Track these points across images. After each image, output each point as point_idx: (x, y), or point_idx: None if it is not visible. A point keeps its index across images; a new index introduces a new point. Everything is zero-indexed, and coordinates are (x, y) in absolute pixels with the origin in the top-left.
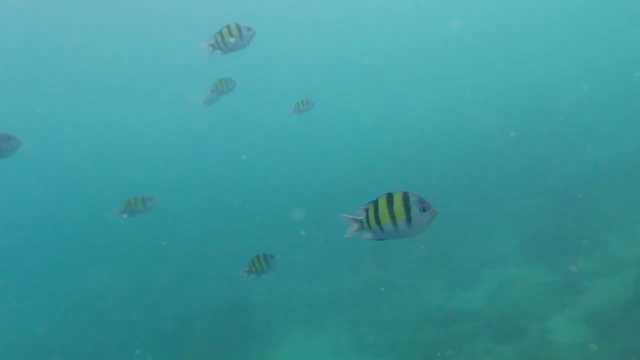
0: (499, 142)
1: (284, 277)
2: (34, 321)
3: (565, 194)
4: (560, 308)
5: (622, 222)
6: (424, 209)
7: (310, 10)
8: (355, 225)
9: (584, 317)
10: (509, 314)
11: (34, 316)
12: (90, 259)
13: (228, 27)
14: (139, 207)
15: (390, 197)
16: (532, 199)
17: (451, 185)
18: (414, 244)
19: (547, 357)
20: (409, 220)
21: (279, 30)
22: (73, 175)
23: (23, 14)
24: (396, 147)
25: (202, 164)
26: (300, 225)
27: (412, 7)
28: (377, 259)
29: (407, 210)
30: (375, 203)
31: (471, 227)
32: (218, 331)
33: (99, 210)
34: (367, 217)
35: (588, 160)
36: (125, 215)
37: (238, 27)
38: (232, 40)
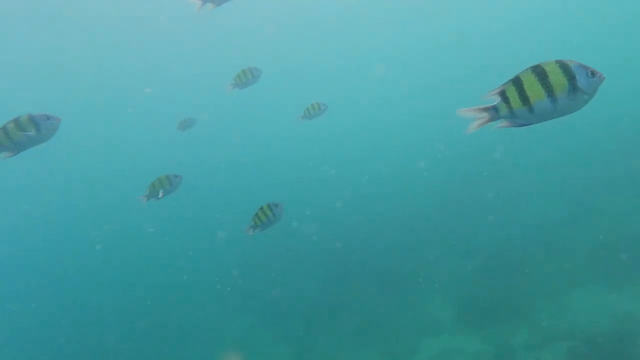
0: (430, 201)
1: None
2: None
3: (497, 257)
4: None
5: (551, 290)
6: (592, 73)
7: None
8: (484, 116)
9: None
10: None
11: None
12: None
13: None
14: (166, 186)
15: (539, 69)
16: (464, 262)
17: (384, 247)
18: (343, 305)
19: None
20: (573, 89)
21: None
22: None
23: None
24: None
25: None
26: None
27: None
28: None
29: (571, 77)
30: (517, 80)
31: (404, 291)
32: None
33: None
34: (507, 100)
35: (518, 223)
36: (153, 199)
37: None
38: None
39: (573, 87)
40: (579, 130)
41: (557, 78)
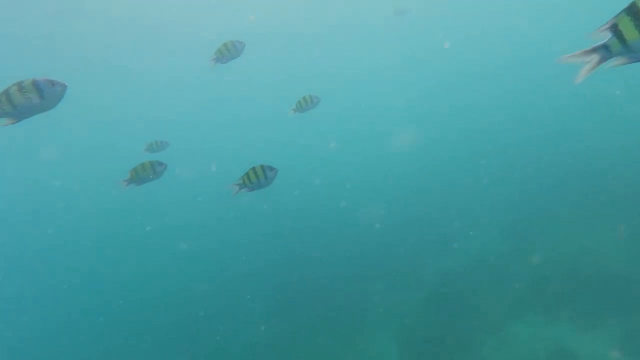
0: (374, 231)
1: None
2: None
3: (441, 289)
4: None
5: (493, 322)
6: None
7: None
8: (593, 57)
9: None
10: None
11: None
12: None
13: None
14: (148, 173)
15: None
16: (410, 294)
17: (330, 281)
18: (283, 345)
19: None
20: None
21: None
22: None
23: None
24: None
25: None
26: None
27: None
28: None
29: None
30: (633, 8)
31: (349, 329)
32: None
33: None
34: (620, 34)
35: (462, 253)
36: (133, 184)
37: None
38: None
39: None
40: (520, 160)
41: None
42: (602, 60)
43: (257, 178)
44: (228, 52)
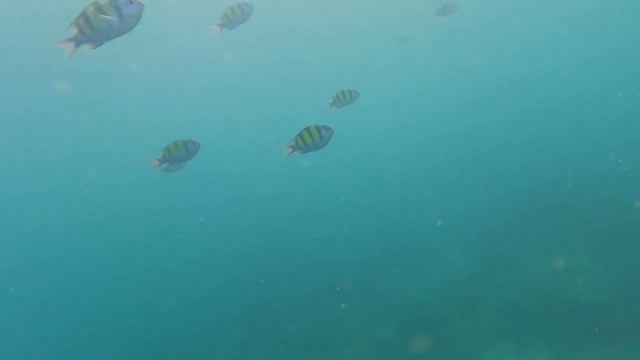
0: (352, 255)
1: None
2: None
3: (415, 317)
4: None
5: (466, 351)
6: None
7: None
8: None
9: None
10: None
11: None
12: None
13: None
14: (181, 152)
15: None
16: (383, 323)
17: (294, 308)
18: None
19: None
20: None
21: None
22: None
23: None
24: None
25: None
26: None
27: None
28: None
29: None
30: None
31: (317, 358)
32: None
33: None
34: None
35: (435, 278)
36: (166, 164)
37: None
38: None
39: None
40: (493, 178)
41: None
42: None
43: (312, 139)
44: (235, 16)
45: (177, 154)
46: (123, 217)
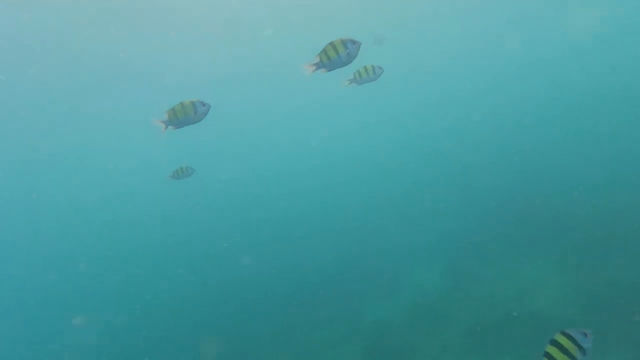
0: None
1: None
2: None
3: (380, 342)
4: None
5: None
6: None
7: None
8: None
9: None
10: None
11: None
12: None
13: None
14: (189, 113)
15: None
16: (347, 348)
17: (257, 343)
18: None
19: None
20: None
21: None
22: None
23: None
24: None
25: None
26: None
27: None
28: None
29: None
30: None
31: None
32: None
33: None
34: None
35: (401, 296)
36: (172, 126)
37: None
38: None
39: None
40: (460, 195)
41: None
42: None
43: (337, 54)
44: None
45: (185, 116)
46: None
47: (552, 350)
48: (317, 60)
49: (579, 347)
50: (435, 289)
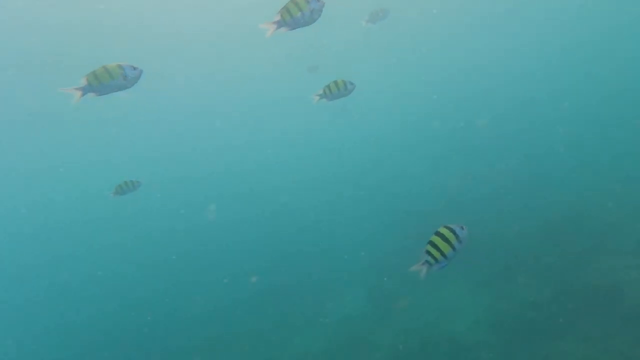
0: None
1: None
2: None
3: None
4: None
5: None
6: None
7: None
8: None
9: None
10: None
11: None
12: None
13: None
14: (116, 77)
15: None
16: None
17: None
18: None
19: None
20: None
21: None
22: None
23: None
24: None
25: None
26: None
27: None
28: None
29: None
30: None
31: None
32: None
33: None
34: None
35: (322, 320)
36: (92, 93)
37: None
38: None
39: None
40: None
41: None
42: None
43: (301, 11)
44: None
45: (110, 80)
46: None
47: (435, 239)
48: (277, 18)
49: (457, 237)
50: (359, 314)
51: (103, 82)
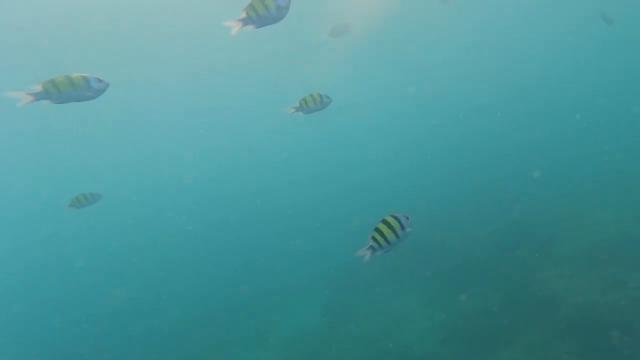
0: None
1: None
2: None
3: None
4: None
5: None
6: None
7: None
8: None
9: None
10: None
11: None
12: None
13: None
14: (78, 87)
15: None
16: None
17: None
18: None
19: None
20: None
21: None
22: None
23: None
24: None
25: None
26: None
27: None
28: None
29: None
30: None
31: None
32: None
33: None
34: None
35: (277, 334)
36: (47, 101)
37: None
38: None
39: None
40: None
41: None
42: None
43: (267, 9)
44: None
45: (72, 89)
46: None
47: (381, 226)
48: (243, 15)
49: (402, 226)
50: (313, 328)
51: (63, 91)
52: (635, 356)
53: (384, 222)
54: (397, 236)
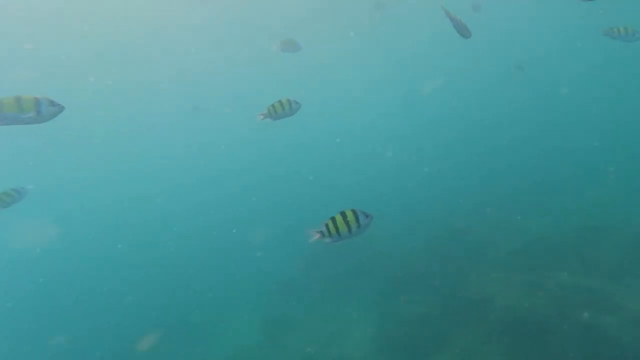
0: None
1: None
2: None
3: None
4: None
5: None
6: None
7: None
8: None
9: None
10: None
11: None
12: None
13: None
14: (27, 110)
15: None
16: None
17: None
18: None
19: None
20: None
21: None
22: None
23: None
24: None
25: None
26: None
27: None
28: None
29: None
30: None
31: None
32: None
33: None
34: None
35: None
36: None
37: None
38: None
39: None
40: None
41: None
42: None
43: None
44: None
45: (17, 111)
46: None
47: (337, 217)
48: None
49: (358, 222)
50: (252, 344)
51: (6, 113)
52: (557, 353)
53: (342, 213)
54: (349, 231)
